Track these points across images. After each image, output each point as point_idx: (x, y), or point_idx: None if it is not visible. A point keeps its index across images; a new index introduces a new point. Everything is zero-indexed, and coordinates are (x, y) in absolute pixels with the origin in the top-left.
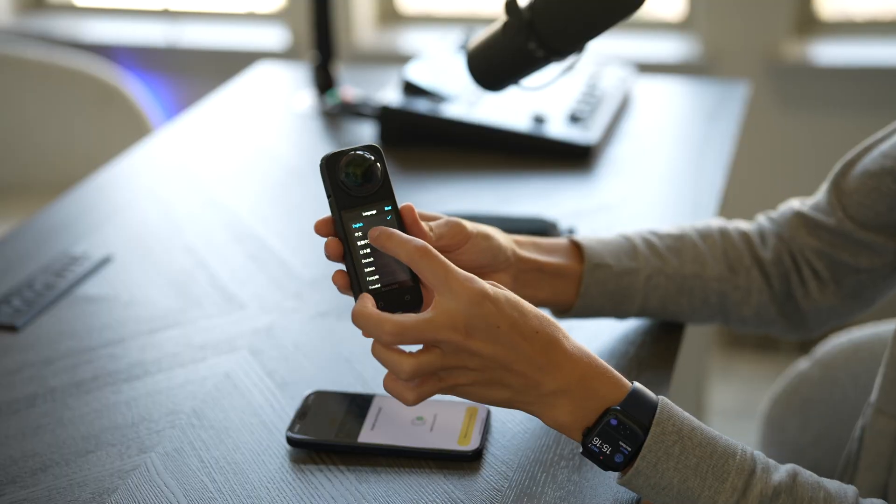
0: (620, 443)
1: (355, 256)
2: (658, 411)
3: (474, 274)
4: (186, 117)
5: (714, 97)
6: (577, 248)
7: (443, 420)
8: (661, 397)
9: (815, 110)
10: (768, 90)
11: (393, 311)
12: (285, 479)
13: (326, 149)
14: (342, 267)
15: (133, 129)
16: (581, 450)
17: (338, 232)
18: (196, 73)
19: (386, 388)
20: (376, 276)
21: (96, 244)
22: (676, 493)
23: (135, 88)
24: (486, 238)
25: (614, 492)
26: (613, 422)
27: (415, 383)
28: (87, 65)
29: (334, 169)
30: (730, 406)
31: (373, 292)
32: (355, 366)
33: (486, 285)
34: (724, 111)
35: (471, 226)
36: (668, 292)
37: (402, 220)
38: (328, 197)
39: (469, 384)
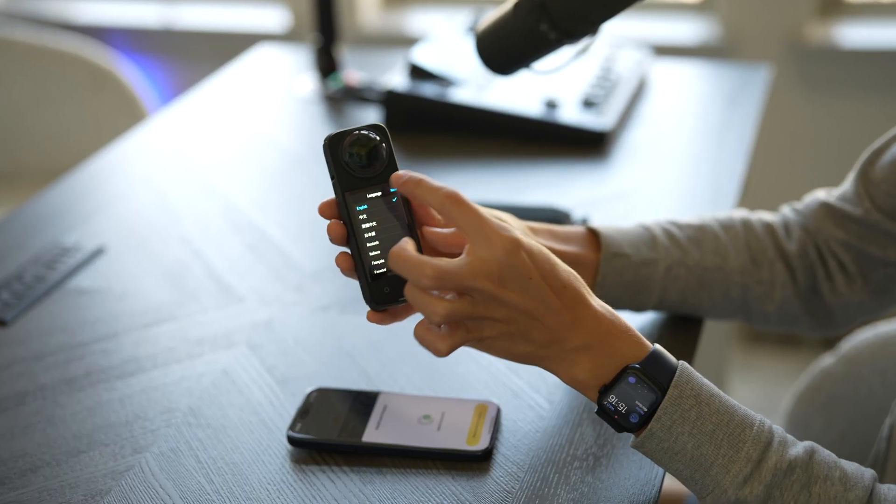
0: (637, 402)
1: (360, 239)
2: (677, 374)
3: None
4: (183, 102)
5: (734, 81)
6: (594, 236)
7: (451, 419)
8: (681, 361)
9: (840, 95)
10: (791, 74)
11: (395, 298)
12: (286, 481)
13: (327, 133)
14: (346, 250)
15: (127, 115)
16: (596, 409)
17: (341, 214)
18: (193, 55)
19: (417, 336)
20: (382, 261)
21: (88, 234)
22: (689, 458)
23: (129, 72)
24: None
25: (630, 493)
26: (632, 380)
27: (444, 331)
28: (79, 47)
29: (337, 149)
30: (751, 403)
31: (377, 276)
32: (359, 361)
33: (520, 234)
34: (745, 96)
35: (483, 210)
36: (688, 285)
37: (409, 202)
38: (332, 178)
39: (494, 336)
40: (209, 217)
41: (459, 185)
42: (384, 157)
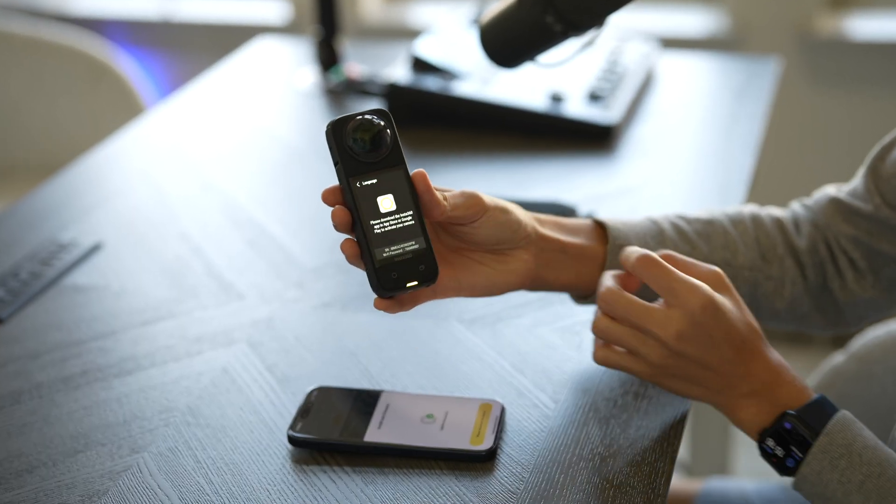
0: (792, 447)
1: (366, 226)
2: (832, 422)
3: (493, 249)
4: (181, 96)
5: (742, 74)
6: (601, 229)
7: (454, 418)
8: (843, 411)
9: (850, 88)
10: (800, 66)
11: (404, 282)
12: (286, 481)
13: None
14: (349, 237)
15: (125, 109)
16: (759, 452)
17: (346, 200)
18: (191, 48)
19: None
20: (392, 246)
21: (85, 231)
22: None
23: (127, 65)
24: (505, 212)
25: (637, 493)
26: (788, 425)
27: (601, 343)
28: (75, 40)
29: (341, 134)
30: None
31: (383, 260)
32: (361, 360)
33: (708, 295)
34: (754, 89)
35: (488, 198)
36: None
37: (415, 187)
38: (335, 164)
39: (672, 377)
40: (208, 213)
41: (463, 180)
42: (388, 142)
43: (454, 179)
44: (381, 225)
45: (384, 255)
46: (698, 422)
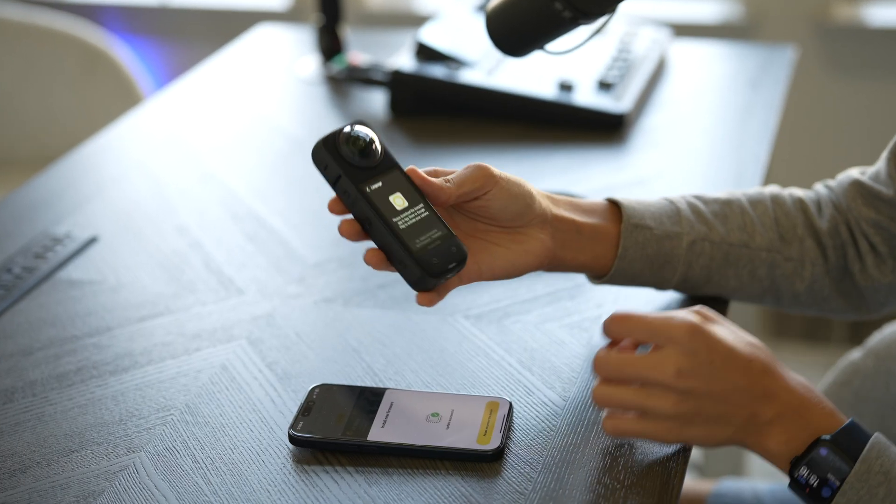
0: (829, 475)
1: (392, 224)
2: (867, 448)
3: (509, 228)
4: (179, 84)
5: (757, 62)
6: (616, 208)
7: (460, 417)
8: (876, 434)
9: (868, 76)
10: (816, 54)
11: (446, 265)
12: (287, 481)
13: (332, 118)
14: (372, 247)
15: (121, 98)
16: (789, 483)
17: (357, 210)
18: (190, 35)
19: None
20: (420, 236)
21: (81, 223)
22: None
23: (123, 52)
24: (518, 184)
25: (649, 493)
26: (823, 451)
27: (610, 412)
28: (70, 26)
29: (335, 149)
30: None
31: (420, 251)
32: (364, 357)
33: (692, 322)
34: (769, 77)
35: (499, 171)
36: (712, 261)
37: (410, 178)
38: (336, 180)
39: (689, 424)
40: (207, 205)
41: None
42: (379, 146)
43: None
44: (403, 220)
45: (418, 245)
46: None
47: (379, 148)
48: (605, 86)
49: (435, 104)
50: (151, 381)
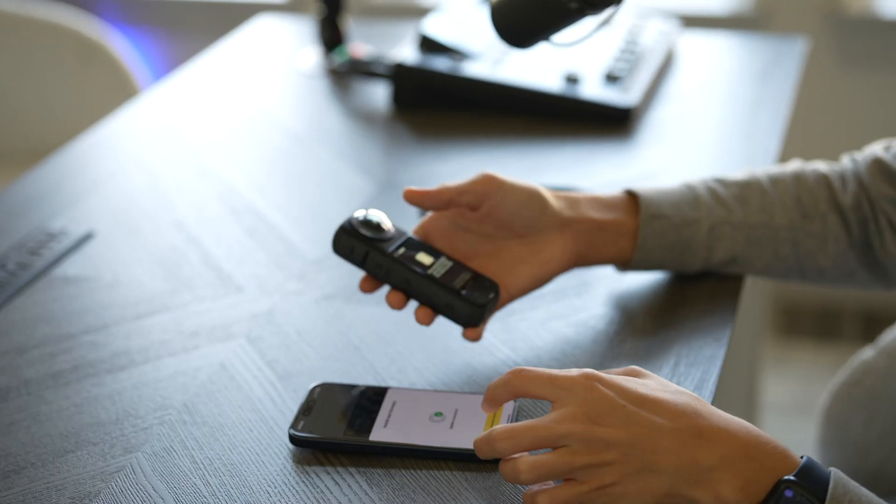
0: None
1: (433, 276)
2: (832, 486)
3: (525, 237)
4: (177, 77)
5: (767, 54)
6: (634, 200)
7: (465, 416)
8: (832, 469)
9: (881, 68)
10: (828, 46)
11: (487, 296)
12: (287, 482)
13: (333, 112)
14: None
15: (117, 90)
16: None
17: (394, 276)
18: (188, 27)
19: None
20: (455, 280)
21: (76, 219)
22: None
23: (119, 44)
24: (529, 189)
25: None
26: (789, 493)
27: (542, 486)
28: (66, 18)
29: (356, 232)
30: (786, 400)
31: (462, 287)
32: (366, 355)
33: (591, 371)
34: (779, 70)
35: (507, 178)
36: (734, 244)
37: (413, 202)
38: (364, 257)
39: (619, 481)
40: (205, 200)
41: (473, 166)
42: (387, 221)
43: (464, 165)
44: (436, 271)
45: (457, 285)
46: None
47: (388, 222)
48: (612, 78)
49: (439, 97)
50: (148, 379)
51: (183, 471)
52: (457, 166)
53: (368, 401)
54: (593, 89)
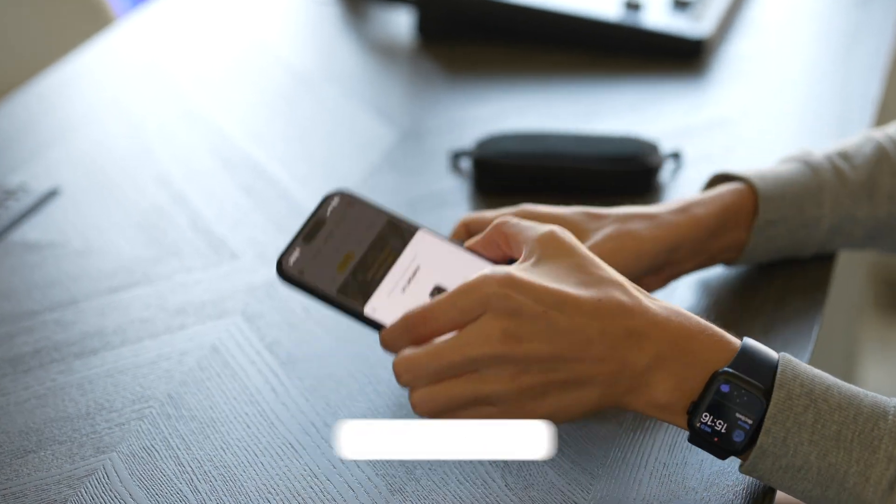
0: (738, 414)
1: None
2: (780, 371)
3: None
4: (159, 1)
5: None
6: (749, 194)
7: None
8: (781, 353)
9: None
10: None
11: None
12: (292, 489)
13: (346, 45)
14: None
15: (88, 18)
16: (689, 436)
17: None
18: None
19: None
20: None
21: (38, 173)
22: (816, 473)
23: None
24: (623, 235)
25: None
26: (725, 388)
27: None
28: None
29: None
30: (889, 388)
31: None
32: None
33: (503, 268)
34: None
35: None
36: (853, 238)
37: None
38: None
39: (540, 402)
40: (193, 151)
41: (514, 111)
42: None
43: (502, 110)
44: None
45: None
46: None
47: None
48: (681, 4)
49: (471, 26)
50: (126, 365)
51: (166, 475)
52: (494, 110)
53: (387, 243)
54: (658, 17)
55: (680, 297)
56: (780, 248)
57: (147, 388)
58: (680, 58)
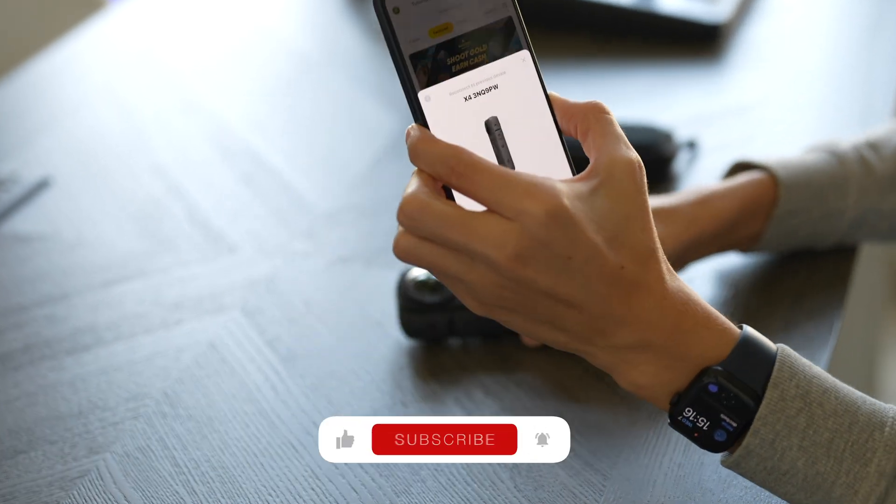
0: (722, 416)
1: None
2: (776, 368)
3: None
4: None
5: None
6: (770, 182)
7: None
8: (780, 346)
9: None
10: None
11: None
12: (292, 490)
13: (350, 29)
14: None
15: (80, 2)
16: (669, 420)
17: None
18: None
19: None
20: None
21: (29, 162)
22: (802, 479)
23: None
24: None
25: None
26: (713, 387)
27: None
28: None
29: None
30: None
31: None
32: (389, 330)
33: (559, 190)
34: None
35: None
36: (876, 230)
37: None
38: (449, 325)
39: (513, 311)
40: (190, 140)
41: None
42: None
43: None
44: None
45: None
46: None
47: None
48: None
49: None
50: (120, 362)
51: (162, 476)
52: None
53: (489, 39)
54: (674, 1)
55: (699, 288)
56: (800, 237)
57: (142, 385)
58: (696, 43)
